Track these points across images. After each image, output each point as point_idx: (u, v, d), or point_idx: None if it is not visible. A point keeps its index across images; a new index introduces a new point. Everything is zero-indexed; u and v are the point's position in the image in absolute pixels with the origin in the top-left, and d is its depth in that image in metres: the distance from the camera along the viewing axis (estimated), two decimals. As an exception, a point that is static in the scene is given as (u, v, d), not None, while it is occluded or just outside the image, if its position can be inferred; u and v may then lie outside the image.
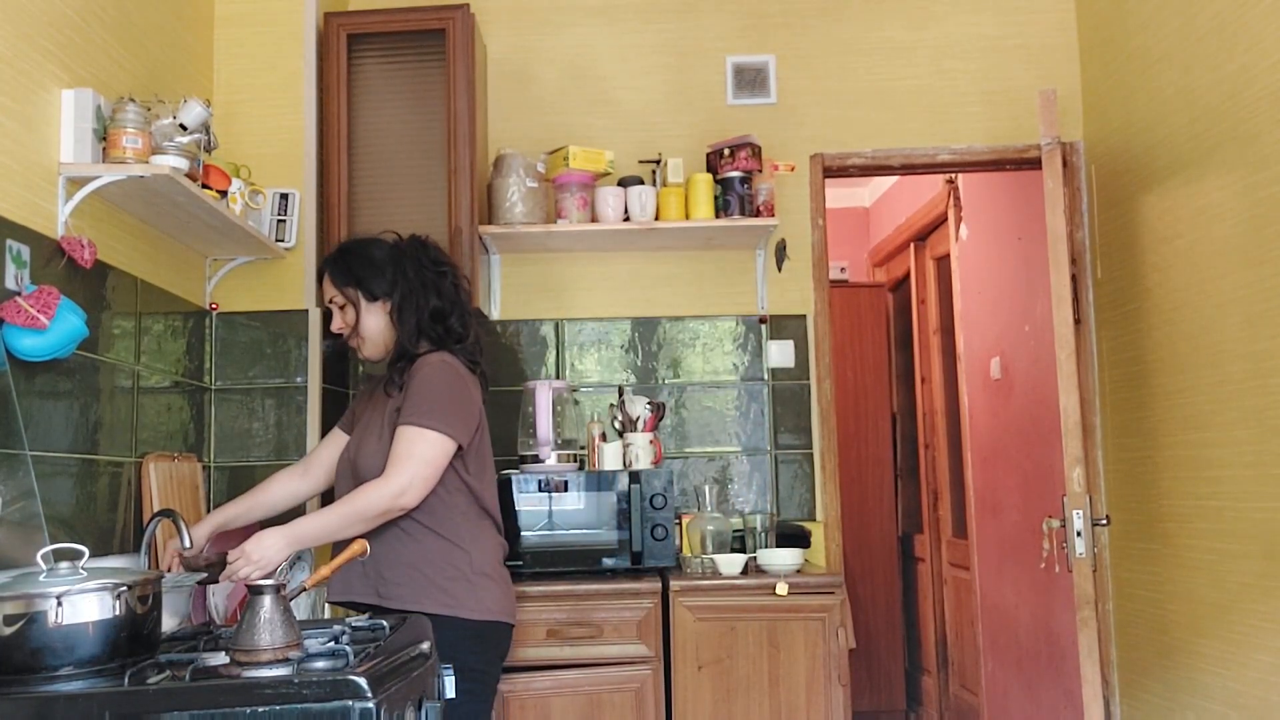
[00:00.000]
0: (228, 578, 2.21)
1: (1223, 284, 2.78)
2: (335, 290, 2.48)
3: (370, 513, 2.28)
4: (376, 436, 2.41)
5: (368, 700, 1.58)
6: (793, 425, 3.52)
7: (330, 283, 2.49)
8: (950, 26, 3.66)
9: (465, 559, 2.38)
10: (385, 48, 3.23)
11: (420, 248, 2.51)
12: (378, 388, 2.51)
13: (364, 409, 2.55)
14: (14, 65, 2.05)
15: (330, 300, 2.50)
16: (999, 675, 4.57)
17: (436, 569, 2.35)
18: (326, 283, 2.50)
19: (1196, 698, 2.95)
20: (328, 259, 2.54)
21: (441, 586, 2.33)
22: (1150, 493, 3.19)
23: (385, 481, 2.29)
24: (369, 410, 2.51)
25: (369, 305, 2.46)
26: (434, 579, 2.34)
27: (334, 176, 3.12)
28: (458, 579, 2.35)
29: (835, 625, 2.89)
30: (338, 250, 2.56)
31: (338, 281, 2.48)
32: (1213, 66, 2.81)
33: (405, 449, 2.31)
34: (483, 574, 2.38)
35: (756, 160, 3.31)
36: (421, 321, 2.44)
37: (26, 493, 2.03)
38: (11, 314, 1.94)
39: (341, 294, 2.47)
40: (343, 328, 2.48)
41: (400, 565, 2.35)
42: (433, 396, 2.35)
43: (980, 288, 4.66)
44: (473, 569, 2.38)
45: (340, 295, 2.47)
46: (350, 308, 2.47)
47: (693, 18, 3.67)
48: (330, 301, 2.50)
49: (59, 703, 1.59)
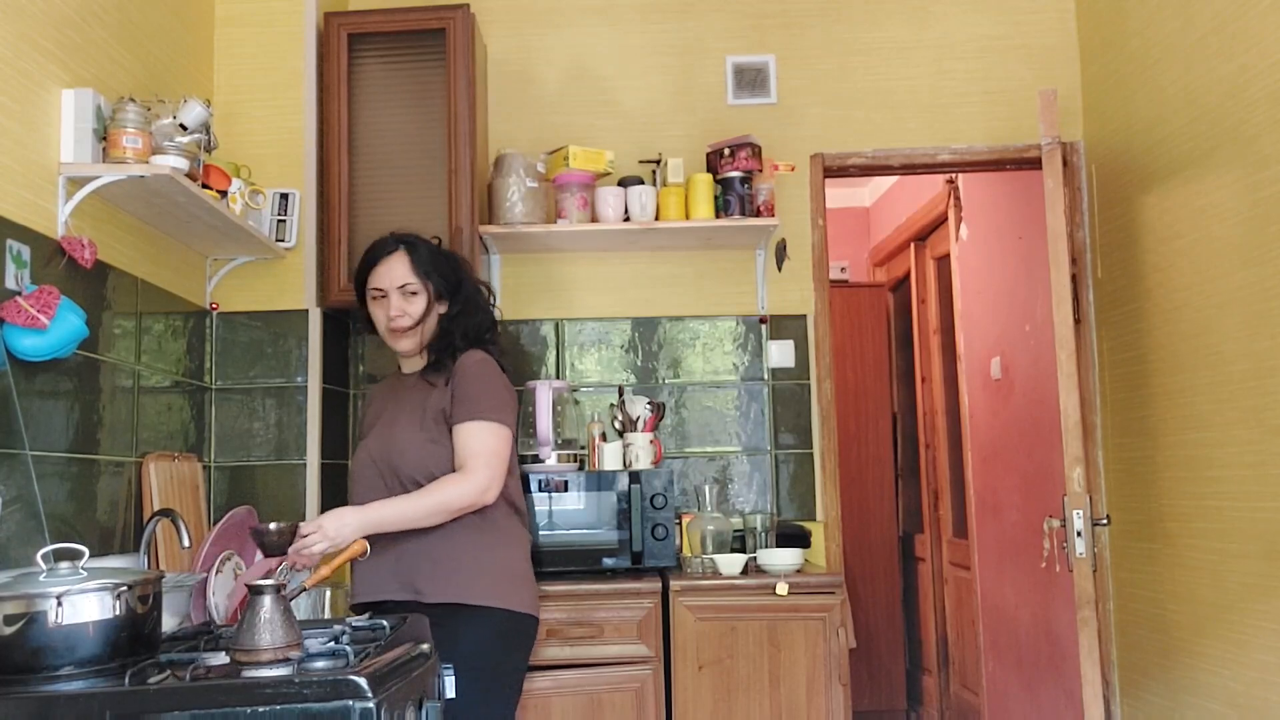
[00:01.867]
0: (299, 551, 2.21)
1: (1223, 284, 2.78)
2: (414, 277, 2.47)
3: (452, 507, 2.33)
4: (416, 430, 2.41)
5: (368, 700, 1.58)
6: (793, 425, 3.52)
7: (410, 268, 2.47)
8: (950, 26, 3.66)
9: (505, 553, 2.43)
10: (385, 48, 3.23)
11: (465, 263, 2.63)
12: (401, 385, 2.53)
13: (383, 408, 2.55)
14: (14, 65, 2.05)
15: (402, 285, 2.46)
16: (1000, 675, 4.57)
17: (480, 563, 2.37)
18: (403, 267, 2.47)
19: (1197, 698, 2.95)
20: (408, 243, 2.51)
21: (484, 580, 2.36)
22: (1150, 492, 3.19)
23: (470, 478, 2.33)
24: (393, 405, 2.51)
25: (435, 303, 2.50)
26: (477, 572, 2.36)
27: (334, 176, 3.12)
28: (499, 573, 2.39)
29: (835, 625, 2.89)
30: (415, 240, 2.53)
31: (420, 269, 2.48)
32: (1213, 66, 2.81)
33: (480, 445, 2.36)
34: (519, 568, 2.45)
35: (756, 160, 3.31)
36: (469, 331, 2.50)
37: (26, 493, 2.03)
38: (12, 314, 1.94)
39: (420, 282, 2.47)
40: (399, 315, 2.46)
41: (442, 560, 2.36)
42: (490, 390, 2.42)
43: (980, 288, 4.66)
44: (511, 563, 2.43)
45: (417, 283, 2.47)
46: (420, 298, 2.48)
47: (693, 18, 3.67)
48: (401, 287, 2.46)
49: (59, 703, 1.59)
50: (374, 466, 2.45)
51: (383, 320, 2.49)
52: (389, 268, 2.48)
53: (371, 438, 2.51)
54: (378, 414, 2.56)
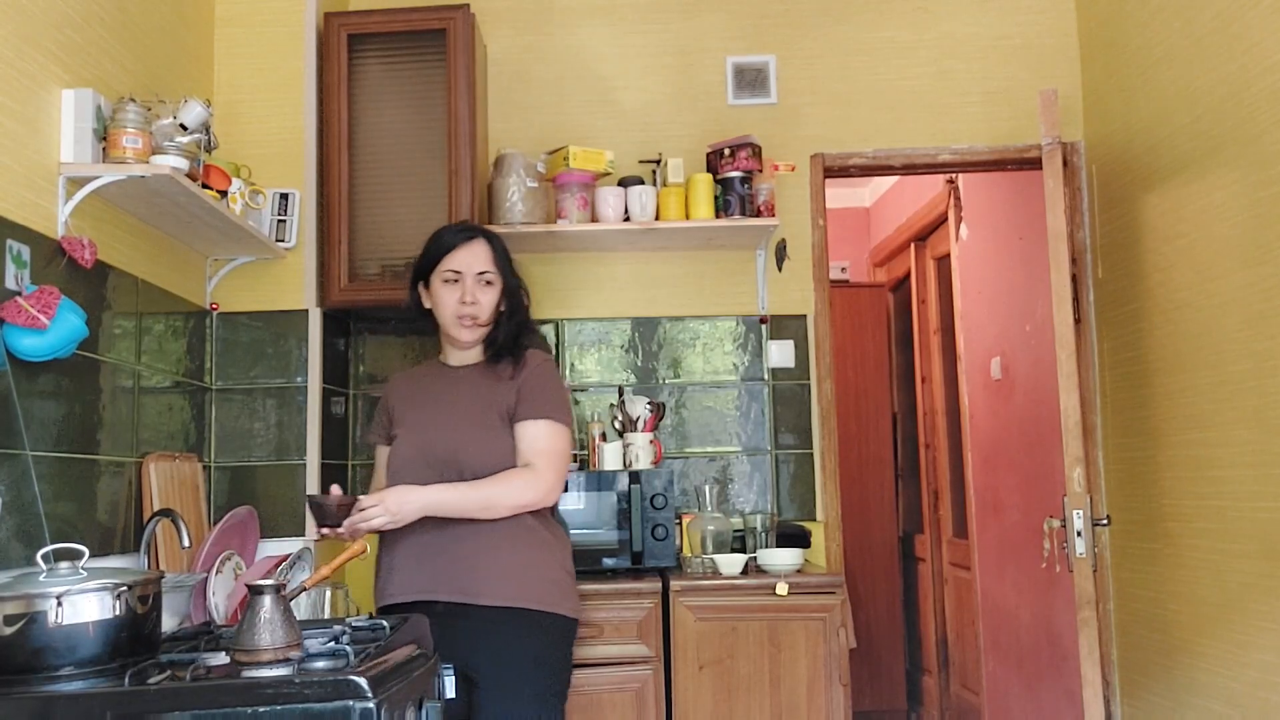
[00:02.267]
0: (355, 524, 2.19)
1: (1224, 284, 2.78)
2: (493, 267, 2.45)
3: (517, 502, 2.31)
4: (482, 425, 2.37)
5: (368, 700, 1.58)
6: (793, 425, 3.52)
7: (491, 258, 2.45)
8: (950, 26, 3.66)
9: (561, 556, 2.42)
10: (385, 48, 3.23)
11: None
12: (447, 376, 2.47)
13: (422, 398, 2.47)
14: (14, 65, 2.05)
15: (481, 273, 2.43)
16: (1000, 675, 4.57)
17: (537, 566, 2.35)
18: (485, 254, 2.45)
19: (1197, 697, 2.95)
20: (487, 234, 2.50)
21: (545, 584, 2.34)
22: (1151, 493, 3.19)
23: (539, 476, 2.32)
24: (443, 396, 2.44)
25: (501, 296, 2.48)
26: (538, 577, 2.34)
27: (334, 176, 3.12)
28: (557, 577, 2.38)
29: (836, 625, 2.89)
30: (492, 233, 2.54)
31: (498, 261, 2.47)
32: (1213, 66, 2.81)
33: (548, 444, 2.35)
34: (570, 571, 2.45)
35: (757, 160, 3.31)
36: (522, 330, 2.49)
37: (26, 493, 2.03)
38: (12, 314, 1.94)
39: (496, 273, 2.46)
40: (473, 302, 2.41)
41: (503, 562, 2.31)
42: (560, 392, 2.43)
43: (980, 288, 4.66)
44: (563, 566, 2.42)
45: (495, 274, 2.45)
46: (494, 290, 2.45)
47: (693, 18, 3.67)
48: (480, 274, 2.43)
49: (60, 703, 1.59)
50: (424, 458, 2.37)
51: (451, 305, 2.42)
52: (471, 253, 2.44)
53: (417, 429, 2.43)
54: (413, 403, 2.48)
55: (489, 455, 2.33)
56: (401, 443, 2.42)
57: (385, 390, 2.60)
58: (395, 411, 2.50)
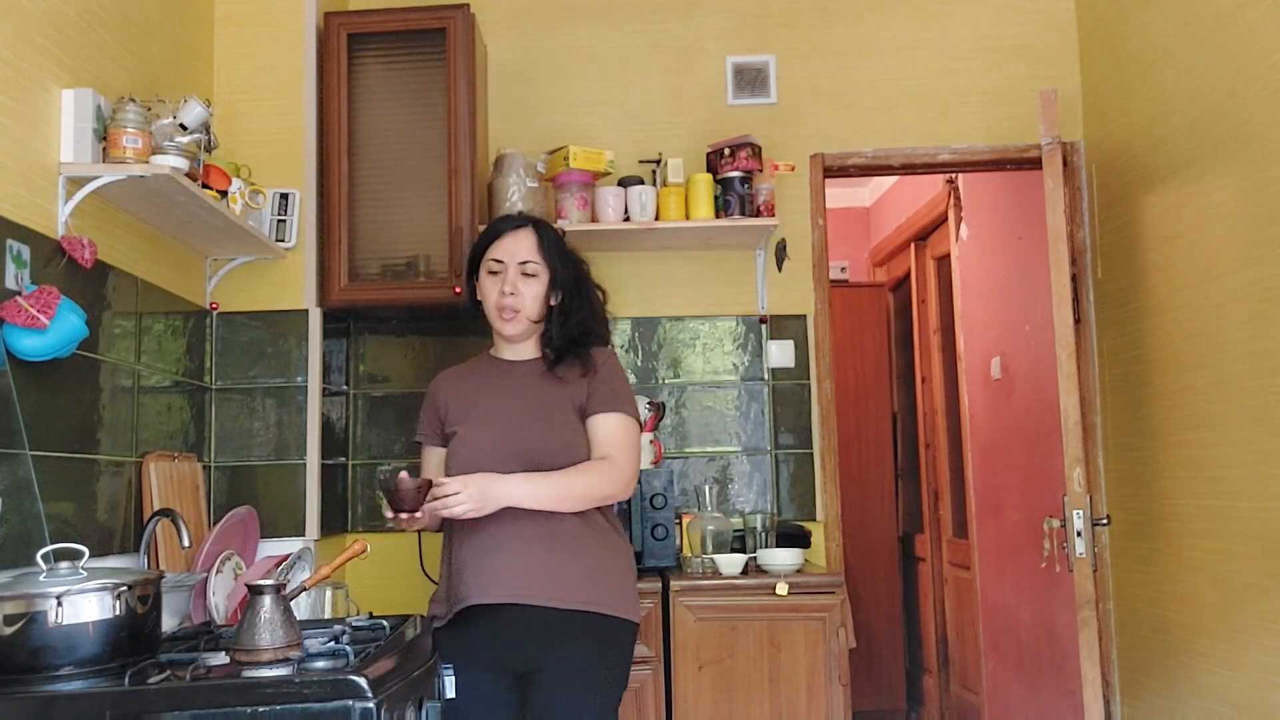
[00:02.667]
0: (435, 510, 2.12)
1: (1223, 283, 2.78)
2: (537, 257, 2.37)
3: (596, 494, 2.25)
4: (553, 419, 2.30)
5: (368, 700, 1.58)
6: (793, 425, 3.52)
7: (536, 247, 2.37)
8: (950, 26, 3.66)
9: (630, 559, 2.37)
10: (385, 48, 3.23)
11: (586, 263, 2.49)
12: (506, 372, 2.40)
13: (476, 394, 2.39)
14: (14, 65, 2.05)
15: (523, 262, 2.35)
16: (1000, 675, 4.57)
17: (612, 569, 2.29)
18: (529, 244, 2.37)
19: (1197, 697, 2.95)
20: (537, 223, 2.42)
21: (625, 591, 2.29)
22: (1150, 493, 3.19)
23: (618, 468, 2.26)
24: (510, 392, 2.36)
25: (551, 290, 2.38)
26: (618, 583, 2.28)
27: (334, 176, 3.12)
28: (628, 580, 2.33)
29: (836, 625, 2.89)
30: (544, 223, 2.44)
31: (545, 251, 2.38)
32: (1213, 66, 2.81)
33: (624, 436, 2.30)
34: (635, 573, 2.40)
35: (756, 160, 3.31)
36: (587, 327, 2.40)
37: (26, 493, 2.03)
38: (12, 314, 1.94)
39: (542, 263, 2.37)
40: (512, 293, 2.33)
41: (580, 565, 2.24)
42: (628, 387, 2.38)
43: (980, 288, 4.66)
44: (632, 569, 2.37)
45: (539, 264, 2.37)
46: (538, 281, 2.36)
47: (693, 18, 3.67)
48: (522, 264, 2.35)
49: (59, 703, 1.59)
50: (498, 451, 2.27)
51: (493, 296, 2.36)
52: (515, 241, 2.37)
53: (487, 422, 2.33)
54: (474, 398, 2.39)
55: (565, 448, 2.27)
56: (469, 437, 2.32)
57: (433, 387, 2.49)
58: (450, 408, 2.41)
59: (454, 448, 2.33)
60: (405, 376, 3.48)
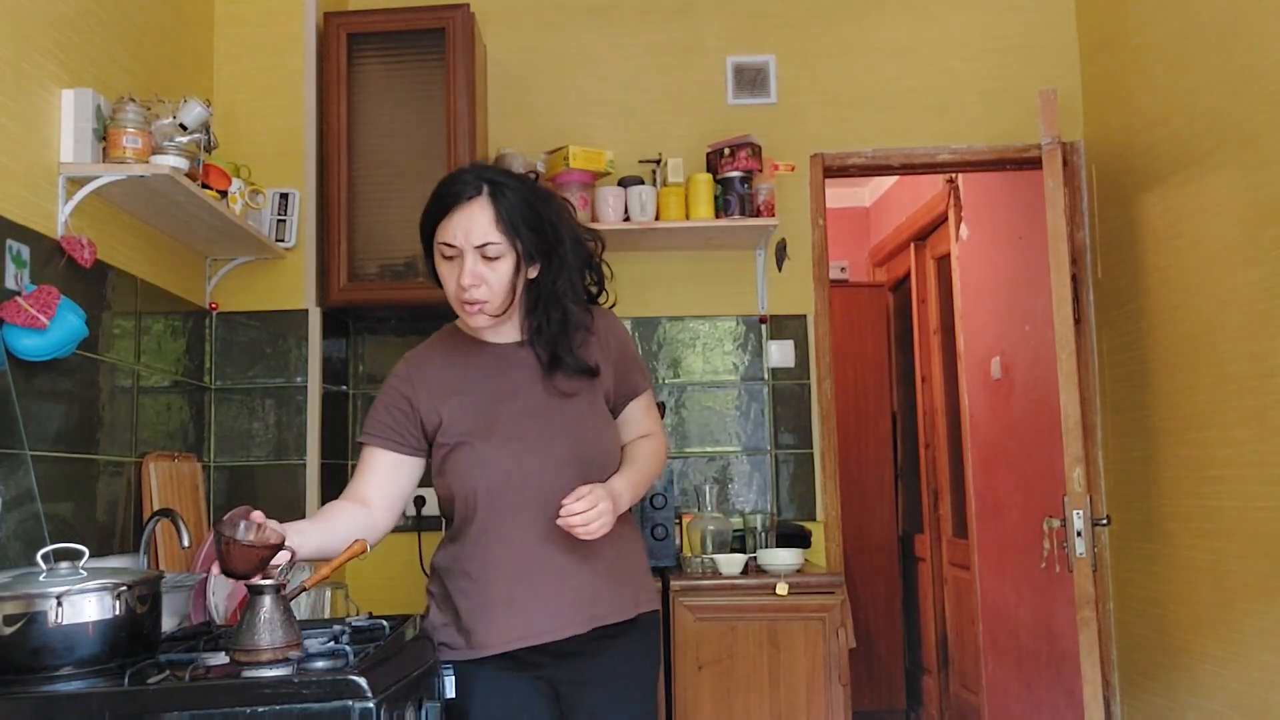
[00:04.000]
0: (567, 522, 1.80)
1: (1223, 284, 2.78)
2: (498, 235, 1.88)
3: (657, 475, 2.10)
4: (588, 417, 1.98)
5: (368, 700, 1.58)
6: (793, 425, 3.52)
7: (494, 222, 1.88)
8: (951, 26, 3.66)
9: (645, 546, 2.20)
10: (385, 47, 3.23)
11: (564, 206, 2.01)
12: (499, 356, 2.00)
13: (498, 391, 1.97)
14: (14, 65, 2.05)
15: (481, 245, 1.88)
16: (1000, 675, 4.57)
17: (643, 559, 2.09)
18: (485, 219, 1.87)
19: (1197, 697, 2.95)
20: (494, 185, 1.90)
21: (650, 577, 2.08)
22: (1150, 493, 3.19)
23: (665, 446, 2.11)
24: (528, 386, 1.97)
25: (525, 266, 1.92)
26: (646, 570, 2.08)
27: (334, 176, 3.12)
28: (648, 564, 2.12)
29: (835, 625, 2.89)
30: (504, 181, 1.91)
31: (507, 224, 1.88)
32: (1213, 66, 2.81)
33: (656, 412, 2.14)
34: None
35: (756, 160, 3.31)
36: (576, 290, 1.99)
37: (26, 493, 2.03)
38: (11, 314, 1.94)
39: (506, 241, 1.89)
40: (475, 283, 1.88)
41: (643, 562, 2.08)
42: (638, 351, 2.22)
43: (980, 288, 4.66)
44: (646, 549, 2.18)
45: (503, 242, 1.88)
46: (505, 263, 1.90)
47: (693, 18, 3.67)
48: (480, 246, 1.88)
49: (59, 703, 1.59)
50: (553, 468, 1.93)
51: (451, 285, 1.91)
52: (467, 218, 1.87)
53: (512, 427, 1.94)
54: (475, 398, 1.97)
55: (614, 449, 2.01)
56: (494, 454, 1.92)
57: (401, 379, 2.05)
58: (443, 410, 1.97)
59: (468, 466, 1.93)
60: (405, 376, 3.47)
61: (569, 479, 1.88)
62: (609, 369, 2.02)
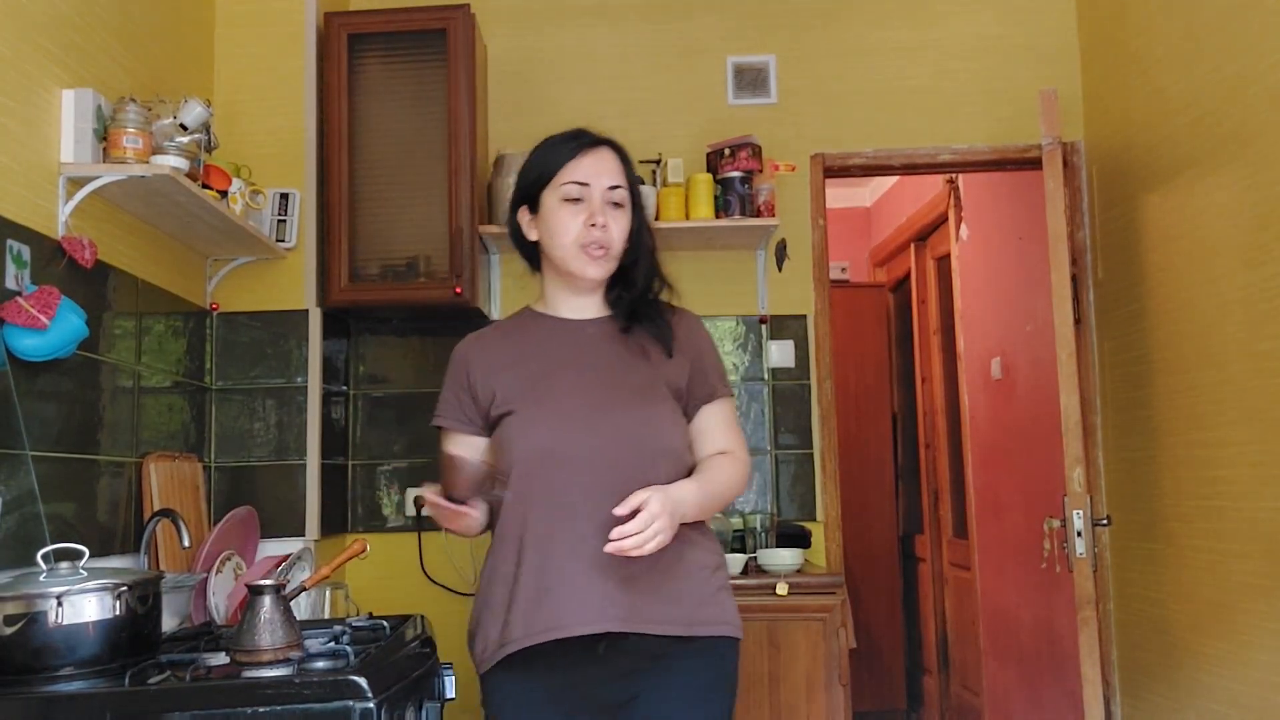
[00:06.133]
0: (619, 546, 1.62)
1: (1224, 284, 2.78)
2: (624, 182, 1.87)
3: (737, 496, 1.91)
4: (655, 399, 1.82)
5: (368, 700, 1.58)
6: (793, 425, 3.52)
7: (623, 173, 1.87)
8: (951, 26, 3.66)
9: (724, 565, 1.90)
10: (386, 48, 3.23)
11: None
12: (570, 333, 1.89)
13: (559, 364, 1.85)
14: (14, 65, 2.05)
15: (612, 186, 1.85)
16: (1000, 675, 4.57)
17: (722, 576, 1.84)
18: (614, 166, 1.86)
19: (1198, 698, 2.95)
20: (612, 141, 1.91)
21: (731, 598, 1.84)
22: (1151, 493, 3.19)
23: (747, 466, 1.89)
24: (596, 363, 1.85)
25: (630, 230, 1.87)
26: (725, 588, 1.83)
27: (334, 176, 3.12)
28: (729, 586, 1.86)
29: (836, 625, 2.88)
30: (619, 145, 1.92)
31: (632, 180, 1.89)
32: (1213, 66, 2.81)
33: (738, 426, 1.93)
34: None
35: (757, 160, 3.31)
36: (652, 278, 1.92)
37: (26, 493, 2.03)
38: (12, 314, 1.94)
39: (628, 192, 1.87)
40: (605, 225, 1.82)
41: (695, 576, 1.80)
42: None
43: (980, 288, 4.66)
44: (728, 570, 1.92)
45: (626, 192, 1.87)
46: (625, 214, 1.87)
47: (693, 18, 3.67)
48: (611, 188, 1.84)
49: (60, 703, 1.59)
50: (592, 445, 1.77)
51: (574, 230, 1.82)
52: (599, 161, 1.85)
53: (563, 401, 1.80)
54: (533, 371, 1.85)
55: (676, 439, 1.81)
56: (539, 422, 1.78)
57: (461, 355, 1.93)
58: (496, 383, 1.85)
59: (512, 434, 1.78)
60: (405, 377, 3.47)
61: (620, 464, 1.73)
62: (684, 362, 1.87)
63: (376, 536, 3.34)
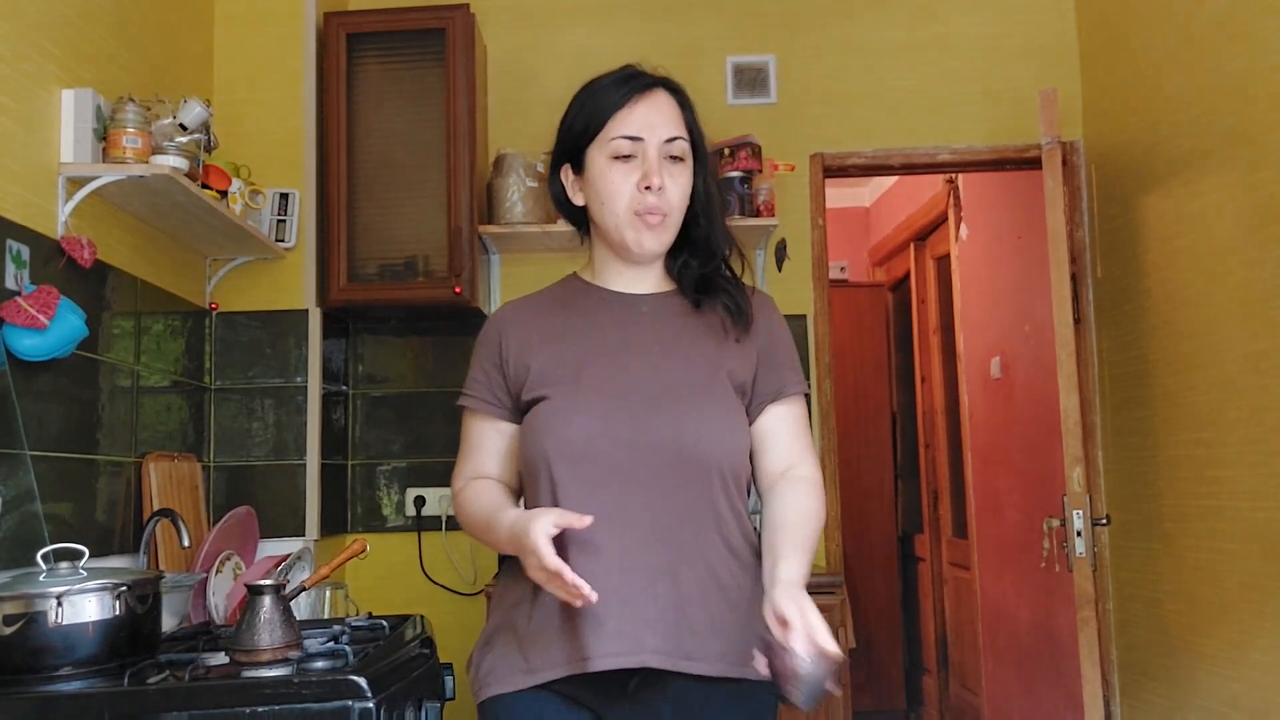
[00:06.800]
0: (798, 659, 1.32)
1: (1223, 283, 2.78)
2: (684, 133, 1.60)
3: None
4: (710, 394, 1.54)
5: (368, 700, 1.58)
6: (793, 425, 3.51)
7: (683, 120, 1.61)
8: (950, 26, 3.66)
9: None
10: (385, 48, 3.23)
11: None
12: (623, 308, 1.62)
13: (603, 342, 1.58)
14: (14, 65, 2.05)
15: (670, 139, 1.58)
16: (999, 675, 4.57)
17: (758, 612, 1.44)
18: (672, 114, 1.60)
19: (1197, 698, 2.95)
20: (674, 84, 1.65)
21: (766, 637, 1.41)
22: (1150, 493, 3.19)
23: (820, 488, 1.64)
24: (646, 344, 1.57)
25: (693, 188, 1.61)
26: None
27: (334, 176, 3.12)
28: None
29: (835, 625, 2.88)
30: (678, 85, 1.67)
31: (695, 128, 1.62)
32: (1213, 66, 2.81)
33: (809, 435, 1.65)
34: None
35: (756, 160, 3.31)
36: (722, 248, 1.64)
37: (26, 492, 2.03)
38: (11, 314, 1.94)
39: (688, 143, 1.60)
40: (661, 187, 1.55)
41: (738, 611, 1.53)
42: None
43: (980, 288, 4.66)
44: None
45: (687, 144, 1.60)
46: (686, 169, 1.60)
47: (693, 18, 3.67)
48: (670, 141, 1.58)
49: (59, 703, 1.59)
50: (618, 436, 1.49)
51: (627, 193, 1.56)
52: (653, 109, 1.58)
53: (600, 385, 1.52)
54: (573, 348, 1.58)
55: (728, 445, 1.54)
56: (576, 413, 1.50)
57: (495, 327, 1.64)
58: (532, 360, 1.57)
59: (542, 425, 1.51)
60: (405, 376, 3.47)
61: (665, 473, 1.48)
62: (751, 351, 1.59)
63: (376, 536, 3.34)
